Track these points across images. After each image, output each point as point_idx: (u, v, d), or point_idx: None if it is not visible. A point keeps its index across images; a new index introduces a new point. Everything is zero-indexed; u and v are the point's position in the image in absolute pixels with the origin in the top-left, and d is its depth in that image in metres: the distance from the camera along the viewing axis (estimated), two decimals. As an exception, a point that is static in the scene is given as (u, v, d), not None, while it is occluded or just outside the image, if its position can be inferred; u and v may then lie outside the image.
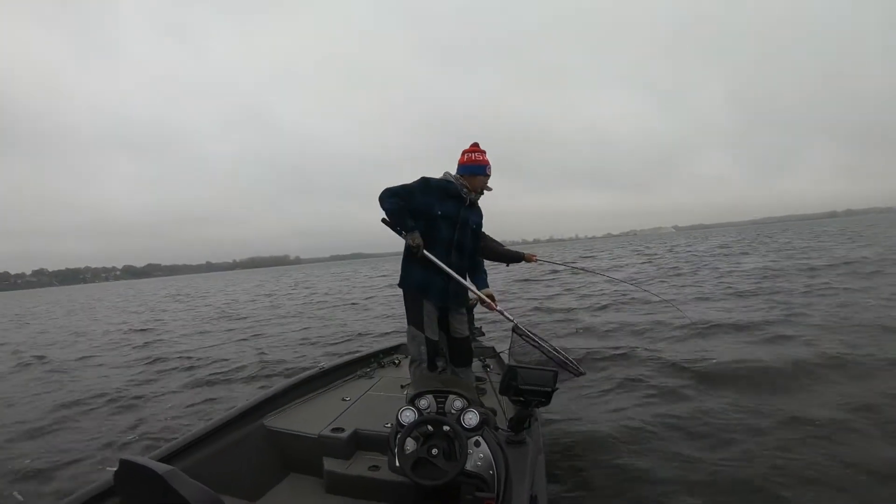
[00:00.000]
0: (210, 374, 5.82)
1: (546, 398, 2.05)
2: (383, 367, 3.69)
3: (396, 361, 3.80)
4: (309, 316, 11.71)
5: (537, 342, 2.67)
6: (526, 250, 3.58)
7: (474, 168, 2.80)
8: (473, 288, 2.86)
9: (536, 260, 3.53)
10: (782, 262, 14.23)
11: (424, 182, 2.67)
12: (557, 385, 2.06)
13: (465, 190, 2.76)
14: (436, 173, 2.83)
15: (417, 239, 2.59)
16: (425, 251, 2.60)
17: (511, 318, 2.79)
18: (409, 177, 3.19)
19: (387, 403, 2.74)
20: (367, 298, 15.08)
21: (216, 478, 1.89)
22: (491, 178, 2.88)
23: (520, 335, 2.72)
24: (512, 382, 2.02)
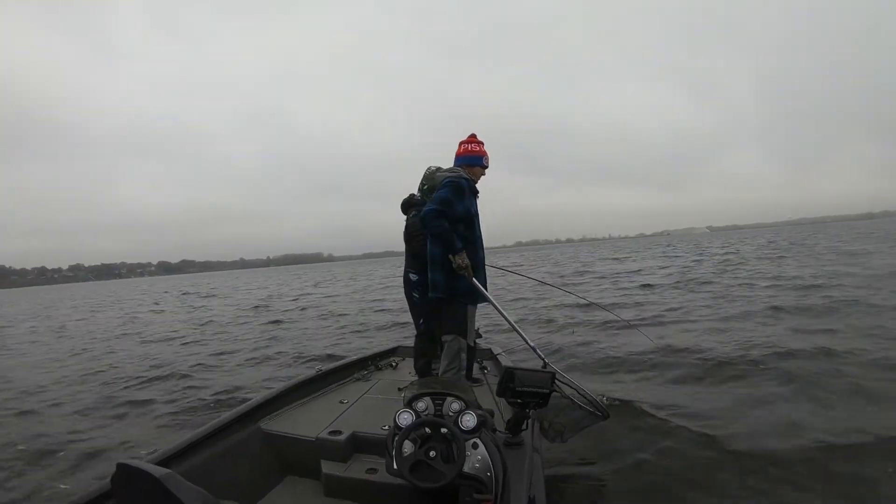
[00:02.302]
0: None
1: (543, 400, 2.05)
2: (380, 369, 3.69)
3: (393, 364, 3.80)
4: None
5: (569, 386, 2.62)
6: (559, 250, 3.51)
7: (473, 159, 2.84)
8: (486, 292, 2.78)
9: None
10: None
11: (457, 187, 2.67)
12: (555, 387, 2.07)
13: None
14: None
15: (467, 261, 2.60)
16: (474, 279, 2.63)
17: (544, 357, 2.71)
18: (420, 177, 3.21)
19: (384, 406, 2.74)
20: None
21: (213, 481, 1.89)
22: (517, 173, 2.86)
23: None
24: (509, 384, 2.02)
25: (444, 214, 2.56)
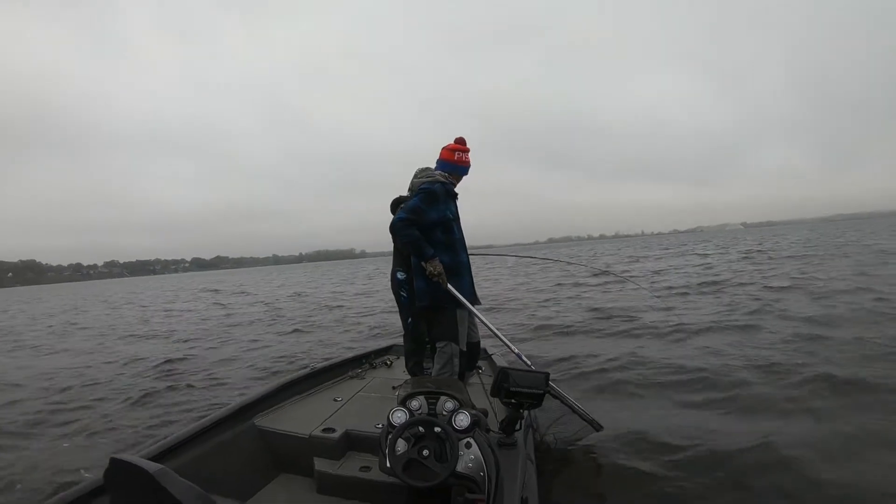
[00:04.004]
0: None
1: (537, 400, 2.06)
2: (375, 367, 3.69)
3: (388, 362, 3.80)
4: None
5: (561, 397, 2.60)
6: (591, 247, 3.45)
7: (461, 169, 2.85)
8: (462, 298, 2.76)
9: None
10: None
11: (429, 194, 2.67)
12: (549, 387, 2.08)
13: (453, 185, 2.84)
14: (481, 170, 2.84)
15: (439, 267, 2.60)
16: (449, 285, 2.63)
17: (530, 364, 2.71)
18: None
19: (378, 404, 2.74)
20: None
21: (207, 477, 1.89)
22: (547, 169, 2.77)
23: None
24: (503, 384, 2.03)
25: (413, 223, 2.57)
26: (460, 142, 2.85)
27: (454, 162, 2.82)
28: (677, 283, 11.55)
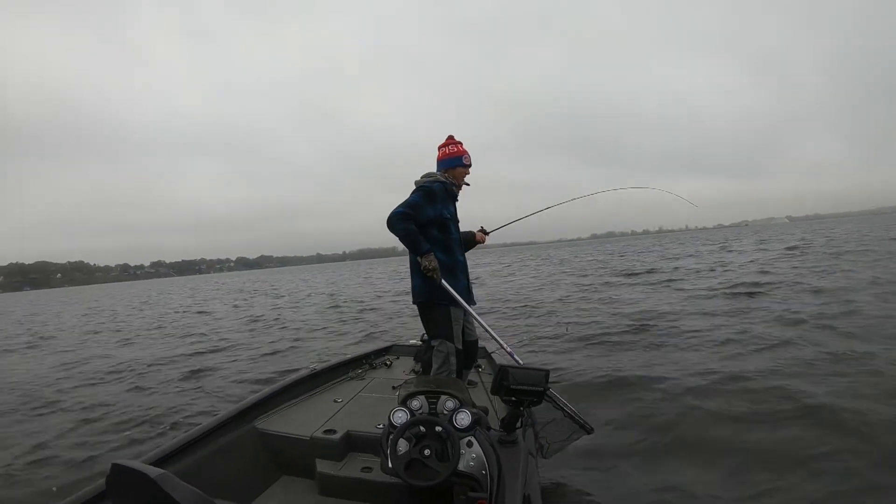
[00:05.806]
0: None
1: (538, 398, 2.06)
2: (375, 368, 3.69)
3: (388, 363, 3.80)
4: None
5: (553, 399, 2.57)
6: (632, 242, 3.38)
7: (452, 161, 2.86)
8: (457, 296, 2.77)
9: (488, 234, 3.37)
10: None
11: (428, 192, 2.69)
12: (549, 385, 2.08)
13: (454, 186, 2.84)
14: (508, 162, 2.90)
15: (434, 262, 2.60)
16: (443, 280, 2.63)
17: (521, 363, 2.68)
18: (483, 168, 3.15)
19: (379, 404, 2.74)
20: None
21: (208, 481, 1.88)
22: (588, 164, 2.75)
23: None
24: (503, 382, 2.03)
25: (409, 217, 2.58)
26: (449, 138, 2.91)
27: (448, 156, 2.86)
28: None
